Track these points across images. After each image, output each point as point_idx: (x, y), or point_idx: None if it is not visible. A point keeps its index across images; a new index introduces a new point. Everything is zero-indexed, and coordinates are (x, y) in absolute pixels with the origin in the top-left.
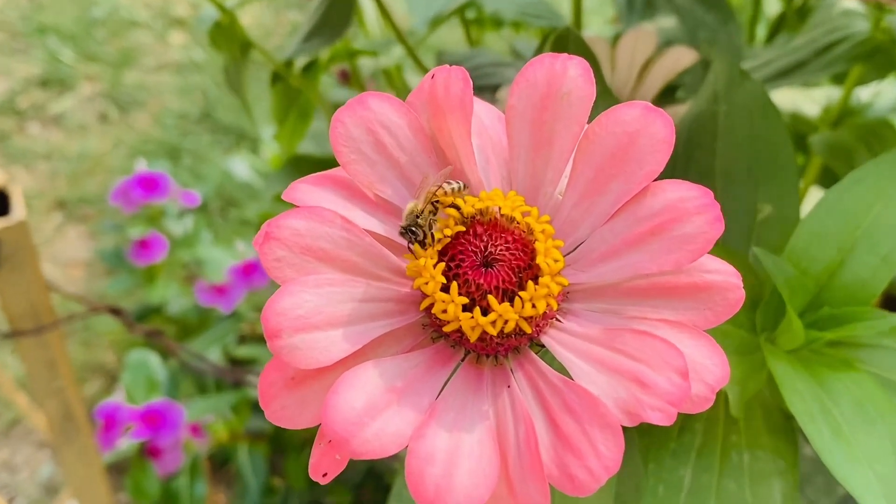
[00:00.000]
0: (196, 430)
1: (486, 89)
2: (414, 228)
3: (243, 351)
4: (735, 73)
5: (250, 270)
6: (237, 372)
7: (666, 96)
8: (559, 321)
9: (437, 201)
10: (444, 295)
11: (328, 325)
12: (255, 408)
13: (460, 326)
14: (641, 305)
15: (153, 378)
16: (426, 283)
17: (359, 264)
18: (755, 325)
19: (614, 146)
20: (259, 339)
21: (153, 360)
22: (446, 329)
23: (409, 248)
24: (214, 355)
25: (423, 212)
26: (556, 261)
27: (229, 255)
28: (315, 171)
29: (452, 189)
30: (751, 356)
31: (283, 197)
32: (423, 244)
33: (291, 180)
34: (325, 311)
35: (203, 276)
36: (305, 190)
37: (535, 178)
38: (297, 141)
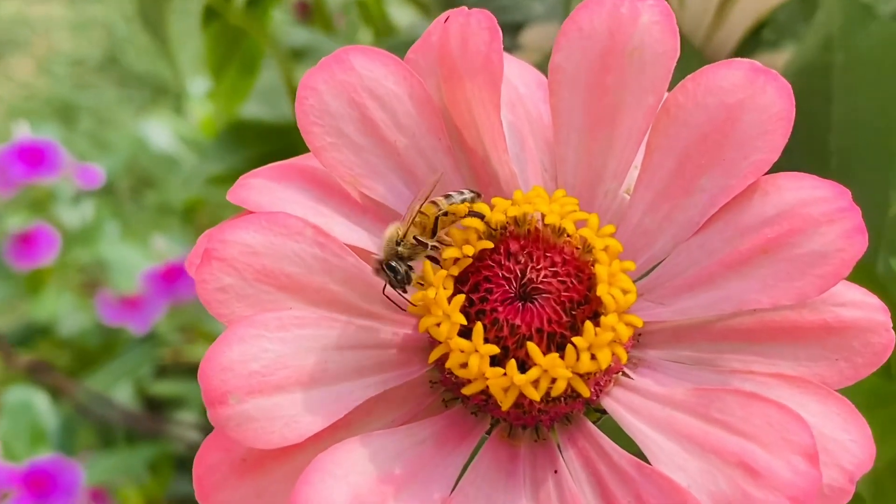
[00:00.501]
0: (99, 496)
1: (504, 30)
2: (394, 263)
3: (164, 387)
4: (856, 10)
5: (173, 276)
6: (155, 417)
7: (749, 42)
8: (628, 377)
9: (437, 219)
10: (463, 342)
11: (296, 384)
12: (181, 466)
13: (487, 387)
14: (747, 354)
15: (39, 426)
16: (437, 325)
17: (339, 296)
18: (889, 366)
19: (707, 125)
20: (187, 371)
21: (39, 400)
22: (466, 391)
23: (383, 292)
24: (124, 394)
25: (404, 238)
26: (625, 291)
27: (144, 256)
28: (266, 142)
29: (454, 203)
30: (884, 410)
31: (229, 197)
32: (404, 285)
33: (231, 154)
34: (292, 364)
35: (108, 285)
36: (261, 187)
37: (593, 170)
38: (239, 100)
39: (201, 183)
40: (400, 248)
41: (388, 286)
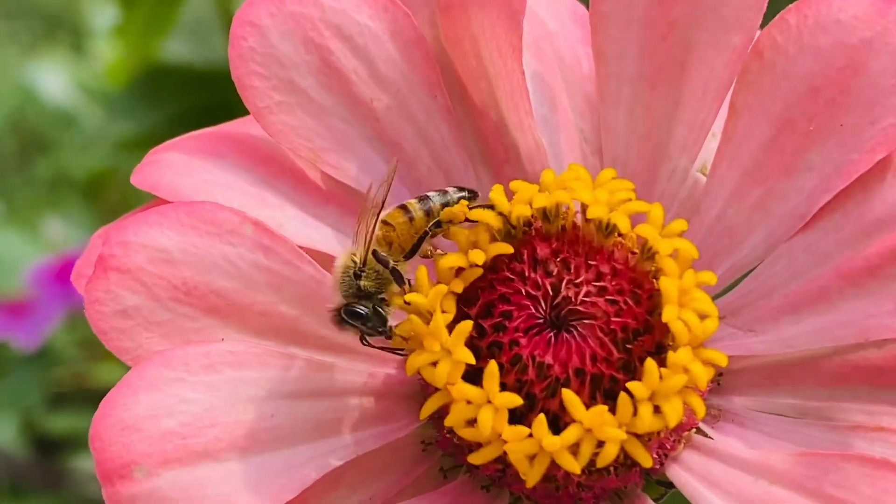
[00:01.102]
0: None
1: None
2: (356, 308)
3: (60, 422)
4: None
5: (71, 272)
6: (49, 464)
7: None
8: (705, 435)
9: (426, 233)
10: (470, 389)
11: (230, 449)
12: None
13: (504, 454)
14: (875, 402)
15: None
16: (433, 364)
17: (292, 321)
18: None
19: (817, 76)
20: (90, 399)
21: None
22: (474, 459)
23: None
24: (6, 432)
25: (364, 265)
26: (702, 316)
27: (32, 245)
28: (195, 94)
29: (431, 206)
30: None
31: (134, 180)
32: (379, 330)
33: (148, 109)
34: (224, 420)
35: None
36: (180, 166)
37: (653, 140)
38: (158, 36)
39: (108, 148)
40: (362, 282)
41: (363, 337)
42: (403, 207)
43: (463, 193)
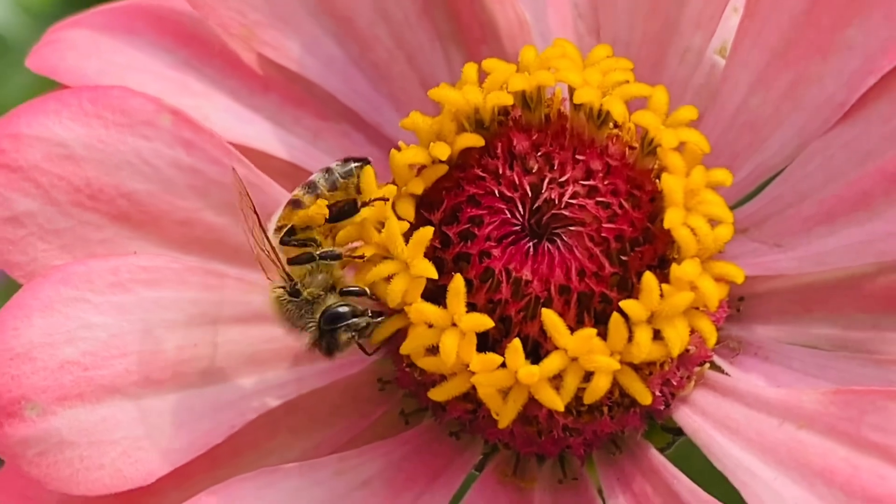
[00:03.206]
0: None
1: None
2: (335, 310)
3: None
4: None
5: None
6: None
7: None
8: (721, 371)
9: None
10: (432, 309)
11: (142, 384)
12: None
13: (473, 389)
14: None
15: None
16: (387, 279)
17: (219, 231)
18: None
19: None
20: None
21: None
22: (436, 395)
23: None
24: None
25: (292, 280)
26: (714, 222)
27: None
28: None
29: (319, 193)
30: None
31: (29, 62)
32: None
33: None
34: (136, 349)
35: None
36: (85, 44)
37: (660, 14)
38: None
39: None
40: (306, 293)
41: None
42: (294, 203)
43: (349, 167)
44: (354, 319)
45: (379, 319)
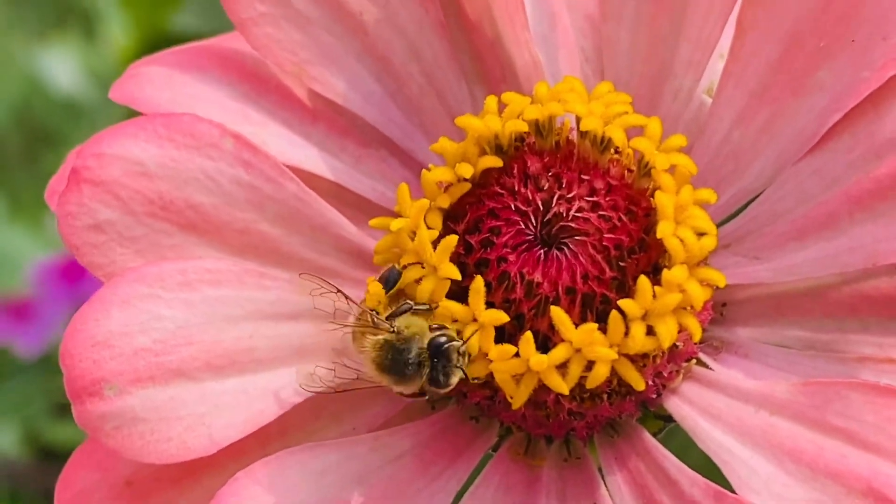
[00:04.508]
0: None
1: None
2: (437, 341)
3: (64, 432)
4: None
5: (79, 270)
6: (50, 472)
7: None
8: (706, 366)
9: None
10: (455, 306)
11: (206, 369)
12: None
13: (491, 375)
14: (885, 334)
15: None
16: (417, 281)
17: (274, 241)
18: None
19: None
20: None
21: None
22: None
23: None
24: (7, 439)
25: (397, 332)
26: (700, 233)
27: (37, 242)
28: None
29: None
30: None
31: (112, 94)
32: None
33: None
34: (201, 339)
35: None
36: (160, 79)
37: (657, 58)
38: (168, 7)
39: None
40: (406, 334)
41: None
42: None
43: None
44: (454, 343)
45: (464, 342)
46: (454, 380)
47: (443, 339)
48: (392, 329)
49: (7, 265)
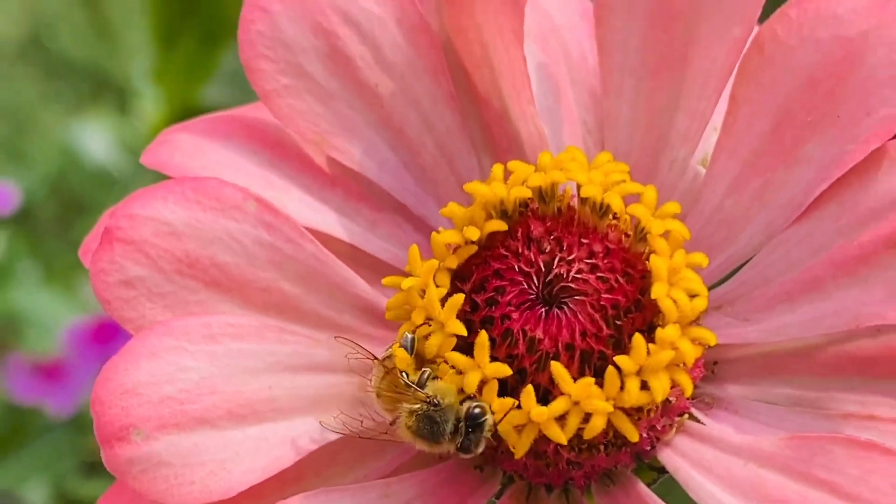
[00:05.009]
0: None
1: None
2: (474, 412)
3: (93, 489)
4: None
5: (108, 334)
6: None
7: None
8: (697, 421)
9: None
10: (463, 359)
11: (227, 417)
12: None
13: (494, 426)
14: (867, 393)
15: None
16: (426, 337)
17: (293, 299)
18: None
19: (816, 68)
20: None
21: None
22: None
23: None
24: (37, 495)
25: (431, 400)
26: (692, 294)
27: (69, 306)
28: None
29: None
30: None
31: (144, 160)
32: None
33: None
34: (223, 389)
35: (19, 345)
36: (189, 146)
37: (654, 131)
38: (198, 82)
39: None
40: (444, 403)
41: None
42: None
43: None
44: (488, 417)
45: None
46: (482, 447)
47: (477, 410)
48: (428, 399)
49: (41, 329)
